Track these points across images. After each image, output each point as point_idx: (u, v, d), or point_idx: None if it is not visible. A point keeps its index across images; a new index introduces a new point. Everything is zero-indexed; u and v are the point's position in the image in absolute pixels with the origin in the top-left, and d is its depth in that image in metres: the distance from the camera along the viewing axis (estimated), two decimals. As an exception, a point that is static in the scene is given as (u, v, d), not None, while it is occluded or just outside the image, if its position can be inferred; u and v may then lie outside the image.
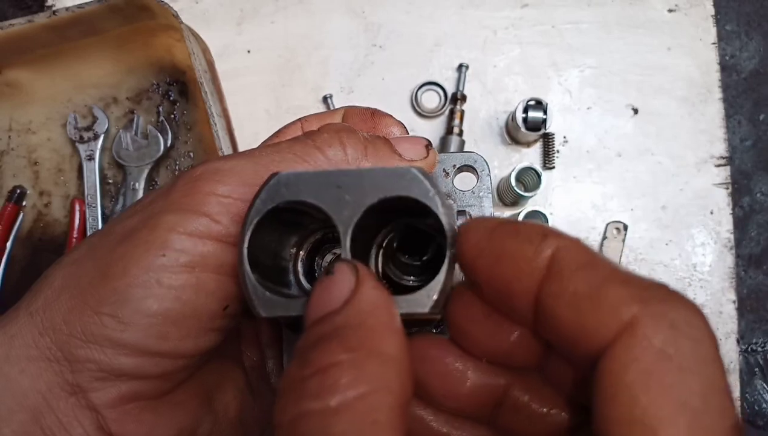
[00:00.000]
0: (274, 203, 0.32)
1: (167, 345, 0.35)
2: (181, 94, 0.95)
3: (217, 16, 0.99)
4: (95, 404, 0.34)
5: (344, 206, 0.31)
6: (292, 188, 0.32)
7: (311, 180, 0.32)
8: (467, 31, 0.98)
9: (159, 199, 0.36)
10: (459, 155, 0.46)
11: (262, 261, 0.34)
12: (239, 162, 0.36)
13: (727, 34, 1.02)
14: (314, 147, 0.37)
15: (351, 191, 0.32)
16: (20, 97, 0.96)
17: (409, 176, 0.32)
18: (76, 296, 0.34)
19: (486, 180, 0.46)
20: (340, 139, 0.38)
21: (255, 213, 0.32)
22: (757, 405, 0.96)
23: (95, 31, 0.90)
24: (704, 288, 0.93)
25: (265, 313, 0.32)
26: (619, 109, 0.96)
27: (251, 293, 0.32)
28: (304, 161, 0.37)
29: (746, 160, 1.00)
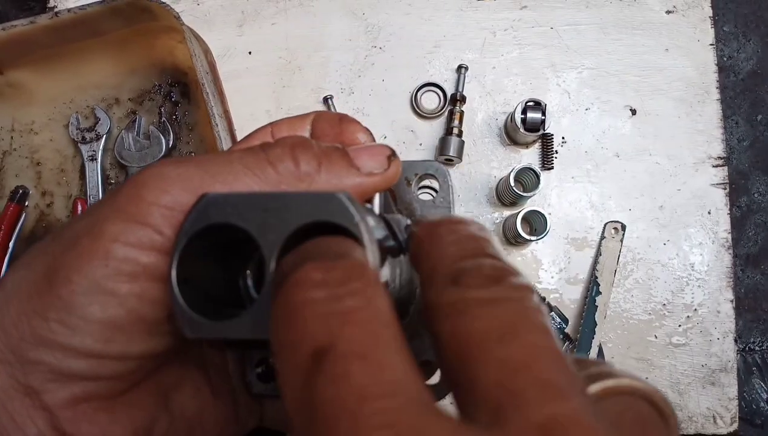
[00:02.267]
0: (202, 225, 0.32)
1: (115, 348, 0.35)
2: (183, 95, 0.96)
3: (219, 17, 0.99)
4: (48, 404, 0.35)
5: (269, 230, 0.32)
6: (220, 210, 0.32)
7: (239, 202, 0.32)
8: (466, 33, 0.99)
9: (106, 204, 0.36)
10: (420, 164, 0.46)
11: (206, 282, 0.34)
12: (187, 169, 0.36)
13: (724, 35, 1.02)
14: (266, 161, 0.37)
15: (276, 215, 0.32)
16: (22, 98, 0.97)
17: (334, 202, 0.32)
18: (25, 302, 0.35)
19: (447, 190, 0.46)
20: (293, 153, 0.37)
21: (183, 234, 0.32)
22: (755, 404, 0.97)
23: (97, 33, 0.91)
24: (702, 288, 0.93)
25: (191, 333, 0.32)
26: (617, 109, 0.97)
27: (177, 313, 0.32)
28: (254, 175, 0.36)
29: (744, 160, 1.00)
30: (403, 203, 0.47)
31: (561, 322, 0.89)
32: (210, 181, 0.35)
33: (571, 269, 0.94)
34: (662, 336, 0.93)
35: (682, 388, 0.92)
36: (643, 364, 0.92)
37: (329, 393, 0.20)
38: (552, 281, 0.94)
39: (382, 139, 0.97)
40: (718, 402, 0.92)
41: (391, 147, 0.41)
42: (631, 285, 0.94)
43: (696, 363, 0.92)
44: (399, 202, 0.47)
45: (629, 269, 0.94)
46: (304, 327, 0.23)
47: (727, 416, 0.91)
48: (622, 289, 0.94)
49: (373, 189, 0.40)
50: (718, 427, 0.91)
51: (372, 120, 0.97)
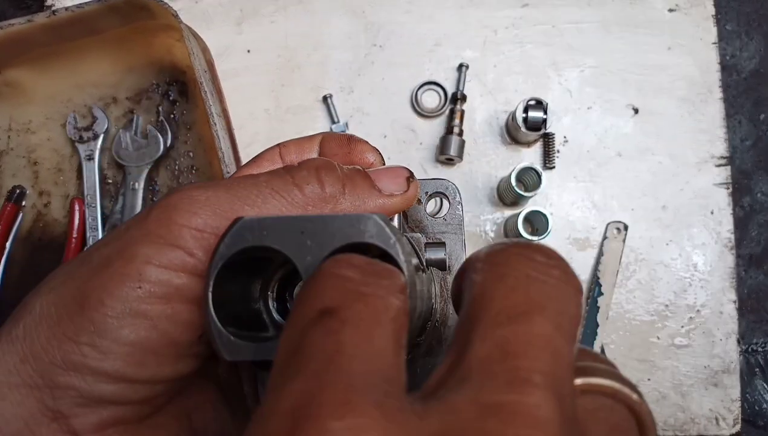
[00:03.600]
0: (238, 248, 0.32)
1: (146, 372, 0.35)
2: (181, 94, 0.95)
3: (217, 16, 0.98)
4: (76, 429, 0.35)
5: (307, 252, 0.32)
6: (256, 233, 0.33)
7: (275, 225, 0.33)
8: (467, 31, 0.98)
9: (134, 227, 0.36)
10: (431, 182, 0.47)
11: (231, 304, 0.34)
12: (216, 193, 0.36)
13: (727, 33, 1.01)
14: (293, 184, 0.37)
15: (314, 237, 0.32)
16: (20, 97, 0.96)
17: (371, 223, 0.32)
18: (55, 325, 0.35)
19: (457, 207, 0.47)
20: (319, 176, 0.38)
21: (219, 257, 0.32)
22: (758, 405, 0.96)
23: (95, 31, 0.90)
24: (705, 288, 0.92)
25: (229, 357, 0.32)
26: (619, 108, 0.96)
27: (216, 337, 0.32)
28: (281, 198, 0.37)
29: (746, 160, 1.00)
30: (413, 221, 0.47)
31: (563, 323, 0.88)
32: (239, 204, 0.36)
33: (573, 269, 0.93)
34: (665, 337, 0.92)
35: (685, 389, 0.91)
36: (646, 365, 0.91)
37: (317, 339, 0.24)
38: (553, 282, 0.93)
39: (382, 139, 0.96)
40: (720, 404, 0.91)
41: (408, 169, 0.42)
42: (633, 286, 0.93)
43: (698, 364, 0.92)
44: (410, 220, 0.48)
45: (631, 269, 0.93)
46: (324, 291, 0.26)
47: (729, 417, 0.91)
48: (624, 290, 0.93)
49: (394, 210, 0.41)
50: (721, 429, 0.91)
51: (372, 119, 0.96)
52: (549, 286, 0.26)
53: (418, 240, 0.46)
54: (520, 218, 0.86)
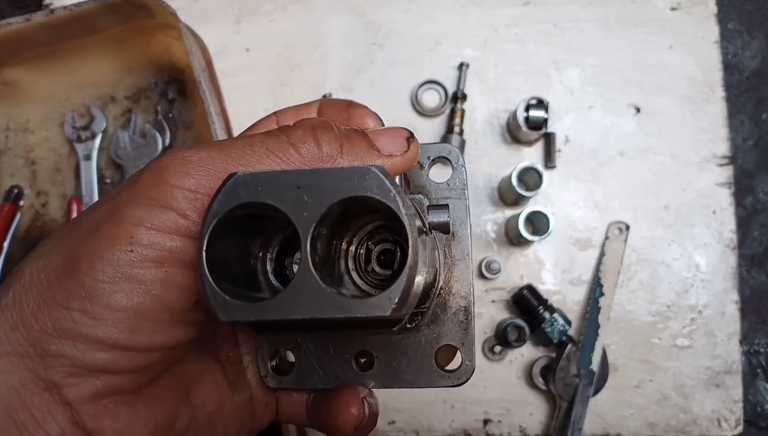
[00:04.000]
0: (233, 205, 0.31)
1: (140, 339, 0.34)
2: (180, 93, 0.95)
3: (216, 14, 0.98)
4: (69, 399, 0.34)
5: (304, 207, 0.31)
6: (250, 189, 0.32)
7: (270, 181, 0.32)
8: (468, 30, 0.98)
9: (125, 190, 0.35)
10: (433, 147, 0.46)
11: (226, 263, 0.33)
12: (209, 153, 0.35)
13: (729, 32, 1.01)
14: (288, 143, 0.36)
15: (310, 192, 0.31)
16: (18, 96, 0.95)
17: (369, 176, 0.31)
18: (45, 291, 0.34)
19: (461, 172, 0.46)
20: (315, 135, 0.37)
21: (212, 215, 0.31)
22: (760, 406, 0.96)
23: (93, 30, 0.90)
24: (707, 289, 0.92)
25: (225, 317, 0.31)
26: (620, 107, 0.96)
27: (210, 297, 0.31)
28: (276, 157, 0.36)
29: (749, 159, 0.99)
30: (416, 186, 0.47)
31: (564, 323, 0.88)
32: (233, 164, 0.35)
33: (574, 269, 0.93)
34: (666, 338, 0.91)
35: (687, 391, 0.91)
36: (648, 366, 0.91)
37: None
38: (555, 282, 0.92)
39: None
40: (722, 405, 0.90)
41: (408, 129, 0.41)
42: (635, 286, 0.92)
43: (700, 365, 0.91)
44: (412, 185, 0.47)
45: (633, 269, 0.93)
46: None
47: (731, 418, 0.90)
48: (626, 290, 0.92)
49: (394, 171, 0.40)
50: (723, 430, 0.90)
51: (372, 118, 0.96)
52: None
53: (420, 202, 0.45)
54: (521, 217, 0.86)
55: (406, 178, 0.47)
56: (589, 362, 0.87)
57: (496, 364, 0.91)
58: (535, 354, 0.91)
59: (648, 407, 0.90)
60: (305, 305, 0.31)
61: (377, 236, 0.41)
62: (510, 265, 0.92)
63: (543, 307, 0.88)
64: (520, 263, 0.93)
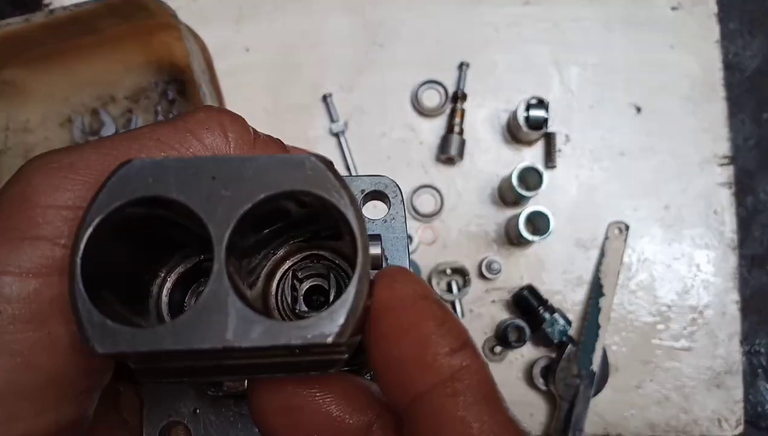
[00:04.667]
0: (124, 200, 0.24)
1: (20, 428, 0.26)
2: (180, 93, 0.94)
3: (216, 14, 0.98)
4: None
5: (219, 204, 0.24)
6: (150, 180, 0.24)
7: (177, 169, 0.24)
8: (468, 29, 0.97)
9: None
10: (367, 179, 0.38)
11: (109, 280, 0.26)
12: (83, 154, 0.27)
13: (730, 32, 1.01)
14: (186, 130, 0.29)
15: (230, 184, 0.24)
16: (17, 96, 0.95)
17: (308, 165, 0.25)
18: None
19: (399, 207, 0.38)
20: (221, 122, 0.29)
21: (96, 211, 0.24)
22: (760, 407, 0.96)
23: (93, 30, 0.90)
24: (707, 289, 0.92)
25: (102, 348, 0.23)
26: (621, 107, 0.95)
27: (84, 319, 0.23)
28: (172, 150, 0.28)
29: (749, 159, 0.99)
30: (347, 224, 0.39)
31: (564, 324, 0.88)
32: (117, 164, 0.27)
33: (574, 270, 0.92)
34: (667, 339, 0.91)
35: (687, 391, 0.91)
36: (648, 367, 0.91)
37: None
38: (555, 283, 0.92)
39: (381, 138, 0.95)
40: (723, 405, 0.90)
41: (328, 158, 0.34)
42: (635, 287, 0.92)
43: (701, 366, 0.91)
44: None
45: (634, 270, 0.92)
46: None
47: (732, 418, 0.90)
48: (626, 290, 0.92)
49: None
50: (723, 430, 0.90)
51: (371, 118, 0.96)
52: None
53: (360, 209, 0.36)
54: (521, 217, 0.86)
55: None
56: (590, 363, 0.87)
57: (497, 364, 0.91)
58: (536, 355, 0.91)
59: (648, 407, 0.90)
60: (218, 329, 0.23)
61: (303, 269, 0.33)
62: (510, 265, 0.92)
63: (543, 307, 0.88)
64: (521, 263, 0.93)
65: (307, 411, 0.28)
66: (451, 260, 0.91)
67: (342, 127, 0.94)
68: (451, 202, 0.93)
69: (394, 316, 0.27)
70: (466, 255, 0.92)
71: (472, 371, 0.26)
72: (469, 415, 0.25)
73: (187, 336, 0.23)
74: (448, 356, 0.26)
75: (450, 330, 0.27)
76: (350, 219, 0.25)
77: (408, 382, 0.26)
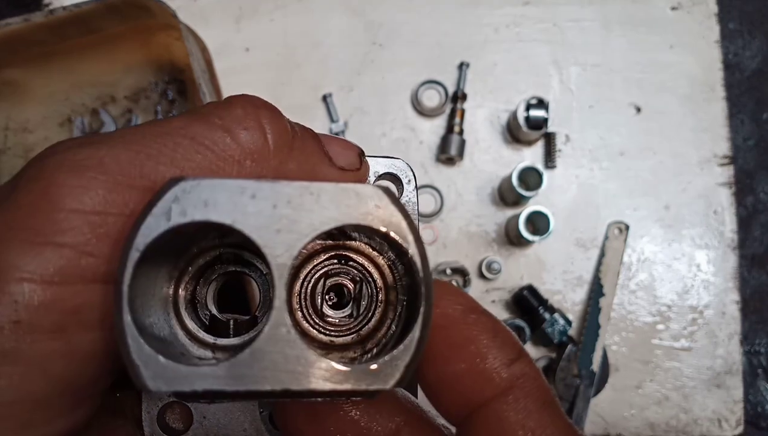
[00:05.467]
0: (174, 224, 0.22)
1: (32, 435, 0.25)
2: (180, 93, 0.94)
3: (216, 14, 0.98)
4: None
5: (280, 235, 0.23)
6: (204, 204, 0.22)
7: (232, 192, 0.23)
8: (468, 29, 0.97)
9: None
10: (382, 160, 0.37)
11: (147, 309, 0.25)
12: (112, 150, 0.25)
13: (729, 32, 1.01)
14: (221, 128, 0.27)
15: (292, 214, 0.23)
16: (17, 96, 0.95)
17: (375, 200, 0.24)
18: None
19: (411, 193, 0.37)
20: (258, 119, 0.27)
21: (144, 235, 0.22)
22: (760, 407, 0.96)
23: (93, 30, 0.89)
24: (707, 289, 0.92)
25: (156, 386, 0.22)
26: (621, 107, 0.96)
27: (135, 357, 0.22)
28: (206, 150, 0.26)
29: (749, 159, 0.99)
30: None
31: (564, 324, 0.88)
32: (150, 164, 0.25)
33: (574, 270, 0.92)
34: (667, 338, 0.91)
35: (687, 391, 0.91)
36: (649, 367, 0.91)
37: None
38: (555, 282, 0.92)
39: (381, 138, 0.95)
40: (723, 405, 0.90)
41: (359, 146, 0.34)
42: (635, 287, 0.92)
43: (701, 366, 0.91)
44: None
45: (633, 270, 0.92)
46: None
47: (732, 418, 0.90)
48: (626, 290, 0.92)
49: None
50: (723, 430, 0.90)
51: (371, 118, 0.96)
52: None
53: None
54: (521, 217, 0.86)
55: None
56: (590, 363, 0.87)
57: (497, 364, 0.91)
58: (536, 354, 0.91)
59: (648, 407, 0.90)
60: (277, 372, 0.22)
61: (329, 269, 0.31)
62: (510, 265, 0.92)
63: (543, 307, 0.88)
64: (521, 263, 0.93)
65: (335, 419, 0.27)
66: (451, 260, 0.91)
67: (342, 127, 0.94)
68: (451, 202, 0.93)
69: (445, 334, 0.27)
70: (466, 255, 0.92)
71: (530, 379, 0.27)
72: (532, 422, 0.26)
73: (245, 377, 0.22)
74: (507, 367, 0.26)
75: (505, 341, 0.27)
76: (417, 264, 0.24)
77: (466, 395, 0.26)
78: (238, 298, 0.25)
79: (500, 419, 0.26)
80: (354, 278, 0.31)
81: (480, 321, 0.27)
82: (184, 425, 0.33)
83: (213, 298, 0.29)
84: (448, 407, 0.28)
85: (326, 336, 0.30)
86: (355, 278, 0.31)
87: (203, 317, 0.29)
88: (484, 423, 0.26)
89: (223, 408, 0.33)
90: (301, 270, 0.30)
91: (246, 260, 0.24)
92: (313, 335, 0.30)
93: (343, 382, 0.23)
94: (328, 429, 0.27)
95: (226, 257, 0.29)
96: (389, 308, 0.29)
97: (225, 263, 0.29)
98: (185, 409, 0.33)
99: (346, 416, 0.27)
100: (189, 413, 0.33)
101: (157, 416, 0.33)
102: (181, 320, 0.28)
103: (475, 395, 0.26)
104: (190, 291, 0.29)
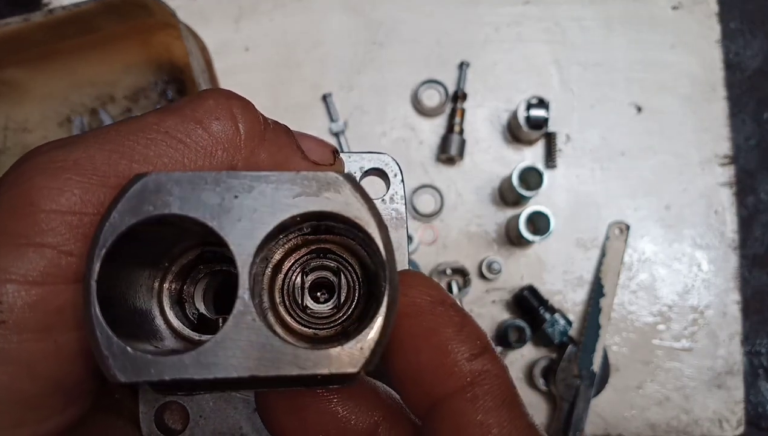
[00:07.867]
0: (139, 218, 0.23)
1: (24, 434, 0.26)
2: (179, 92, 0.94)
3: (215, 13, 0.98)
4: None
5: (241, 225, 0.23)
6: (166, 197, 0.23)
7: (194, 184, 0.23)
8: (468, 29, 0.97)
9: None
10: (367, 156, 0.37)
11: (120, 302, 0.25)
12: (86, 151, 0.25)
13: (731, 31, 1.01)
14: (193, 120, 0.27)
15: (253, 203, 0.23)
16: (16, 96, 0.95)
17: (338, 186, 0.24)
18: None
19: (398, 187, 0.36)
20: (230, 109, 0.28)
21: (110, 231, 0.23)
22: (761, 407, 0.95)
23: (92, 30, 0.89)
24: (708, 289, 0.92)
25: (125, 377, 0.22)
26: (622, 107, 0.95)
27: (104, 350, 0.22)
28: (179, 143, 0.26)
29: (750, 159, 0.99)
30: None
31: (565, 324, 0.87)
32: (124, 162, 0.25)
33: (575, 270, 0.92)
34: (668, 339, 0.91)
35: (688, 392, 0.90)
36: (649, 367, 0.90)
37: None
38: (556, 282, 0.92)
39: (381, 138, 0.95)
40: (724, 405, 0.90)
41: (334, 146, 0.34)
42: (636, 287, 0.92)
43: (702, 366, 0.91)
44: None
45: (634, 270, 0.92)
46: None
47: (733, 419, 0.90)
48: (627, 290, 0.92)
49: None
50: (724, 430, 0.90)
51: (371, 117, 0.96)
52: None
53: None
54: (521, 217, 0.86)
55: None
56: (590, 363, 0.87)
57: (497, 364, 0.91)
58: (536, 355, 0.91)
59: (649, 407, 0.90)
60: (244, 359, 0.23)
61: (310, 263, 0.31)
62: (510, 265, 0.92)
63: (544, 307, 0.87)
64: (521, 264, 0.92)
65: (314, 411, 0.28)
66: (451, 260, 0.91)
67: (342, 126, 0.94)
68: (451, 202, 0.93)
69: (411, 323, 0.27)
70: (466, 255, 0.91)
71: (492, 376, 0.27)
72: (490, 419, 0.26)
73: (211, 365, 0.23)
74: (468, 362, 0.26)
75: (469, 335, 0.27)
76: (379, 246, 0.24)
77: (427, 388, 0.26)
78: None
79: (458, 414, 0.26)
80: (334, 270, 0.31)
81: (447, 314, 0.27)
82: (181, 425, 0.34)
83: (201, 297, 0.30)
84: (412, 400, 0.28)
85: (309, 329, 0.30)
86: (335, 270, 0.31)
87: (191, 315, 0.29)
88: (443, 418, 0.26)
89: (220, 407, 0.34)
90: (282, 265, 0.30)
91: (229, 258, 0.24)
92: (296, 329, 0.30)
93: (310, 367, 0.23)
94: (308, 421, 0.28)
95: (208, 256, 0.29)
96: (372, 299, 0.29)
97: (209, 262, 0.29)
98: (182, 409, 0.33)
99: (325, 409, 0.28)
100: (186, 412, 0.33)
101: (155, 416, 0.33)
102: (166, 318, 0.29)
103: (435, 389, 0.26)
104: (176, 290, 0.29)
